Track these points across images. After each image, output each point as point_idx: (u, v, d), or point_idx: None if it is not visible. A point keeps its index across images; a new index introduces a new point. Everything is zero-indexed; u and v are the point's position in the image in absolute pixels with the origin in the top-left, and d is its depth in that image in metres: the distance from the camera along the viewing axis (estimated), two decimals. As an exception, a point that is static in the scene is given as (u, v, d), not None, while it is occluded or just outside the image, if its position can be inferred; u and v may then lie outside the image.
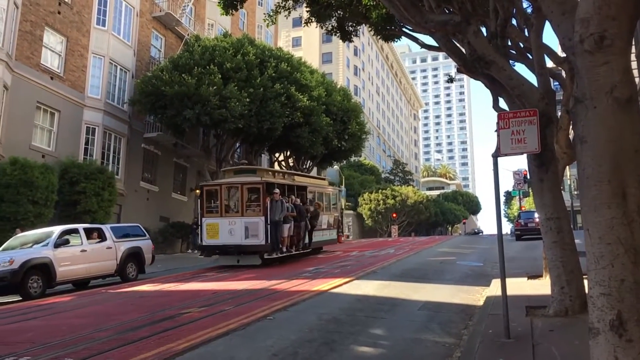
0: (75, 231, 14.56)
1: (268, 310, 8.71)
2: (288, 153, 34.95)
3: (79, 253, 14.15)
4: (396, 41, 14.60)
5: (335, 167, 45.44)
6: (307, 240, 18.97)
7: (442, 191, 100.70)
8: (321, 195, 21.52)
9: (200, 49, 26.43)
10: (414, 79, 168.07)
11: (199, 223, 17.01)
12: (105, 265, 14.96)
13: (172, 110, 24.68)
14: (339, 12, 12.72)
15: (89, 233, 14.81)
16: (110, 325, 8.07)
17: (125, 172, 26.63)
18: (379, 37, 13.41)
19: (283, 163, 36.00)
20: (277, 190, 16.36)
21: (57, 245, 13.55)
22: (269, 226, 15.73)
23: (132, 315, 8.94)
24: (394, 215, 52.95)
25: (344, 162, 50.32)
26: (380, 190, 53.50)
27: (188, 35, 30.58)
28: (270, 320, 8.05)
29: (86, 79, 24.75)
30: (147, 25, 29.02)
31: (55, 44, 23.27)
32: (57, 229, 14.24)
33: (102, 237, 15.09)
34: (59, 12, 23.17)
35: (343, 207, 47.85)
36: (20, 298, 12.76)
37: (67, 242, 13.90)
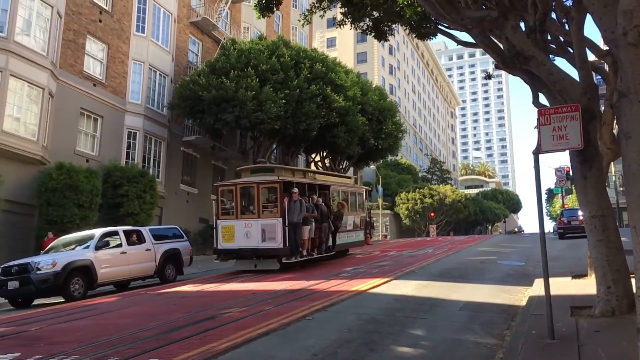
0: (115, 233, 14.88)
1: (307, 311, 8.75)
2: (324, 154, 35.01)
3: (119, 255, 14.47)
4: (432, 39, 14.44)
5: (372, 166, 45.30)
6: (330, 243, 17.91)
7: (481, 189, 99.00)
8: (346, 195, 20.31)
9: (237, 52, 26.76)
10: (450, 76, 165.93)
11: (214, 225, 16.15)
12: (145, 267, 15.28)
13: (210, 114, 25.08)
14: (373, 12, 12.68)
15: (128, 235, 15.14)
16: (153, 325, 8.26)
17: (166, 175, 27.19)
18: (414, 35, 13.31)
19: (319, 164, 36.08)
20: (295, 190, 15.29)
21: (97, 248, 13.90)
22: (287, 228, 14.85)
23: (174, 315, 9.13)
24: (432, 214, 52.38)
25: (381, 161, 50.08)
26: (417, 190, 53.01)
27: (224, 39, 31.01)
28: (310, 320, 8.09)
29: (127, 84, 25.40)
30: (185, 31, 29.57)
31: (97, 52, 23.96)
32: (98, 232, 14.60)
33: (141, 240, 15.43)
34: (100, 21, 23.85)
35: (380, 205, 47.61)
36: (63, 299, 13.14)
37: (107, 244, 14.25)
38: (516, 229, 76.73)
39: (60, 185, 19.29)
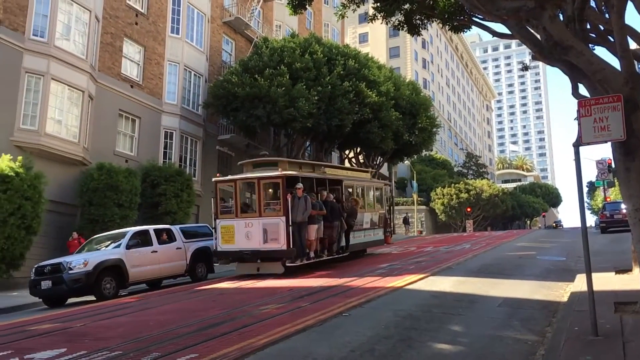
0: (146, 233, 14.97)
1: (344, 307, 8.77)
2: (358, 150, 34.93)
3: (150, 254, 14.55)
4: (466, 31, 14.23)
5: (406, 162, 44.96)
6: (343, 243, 16.50)
7: (519, 183, 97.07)
8: (362, 190, 18.74)
9: (269, 50, 26.93)
10: (485, 68, 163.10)
11: (214, 225, 14.90)
12: (175, 266, 15.32)
13: (243, 112, 25.32)
14: (405, 6, 12.56)
15: (159, 234, 15.22)
16: (193, 321, 8.42)
17: (202, 174, 27.60)
18: (447, 28, 13.13)
19: (353, 160, 36.03)
20: (299, 185, 14.00)
21: (128, 247, 14.02)
22: (290, 228, 13.60)
23: (213, 311, 9.28)
24: (469, 209, 51.67)
25: (415, 156, 49.66)
26: (453, 185, 52.35)
27: (257, 37, 31.24)
28: (346, 316, 8.10)
29: (163, 85, 25.87)
30: (218, 31, 29.91)
31: (134, 54, 24.48)
32: (128, 231, 14.76)
33: (171, 238, 15.50)
34: (136, 23, 24.35)
35: (415, 200, 47.21)
36: (95, 298, 13.25)
37: (138, 243, 14.35)
38: (554, 223, 74.97)
39: (101, 186, 19.80)
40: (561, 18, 8.60)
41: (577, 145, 6.49)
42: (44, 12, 19.27)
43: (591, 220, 50.74)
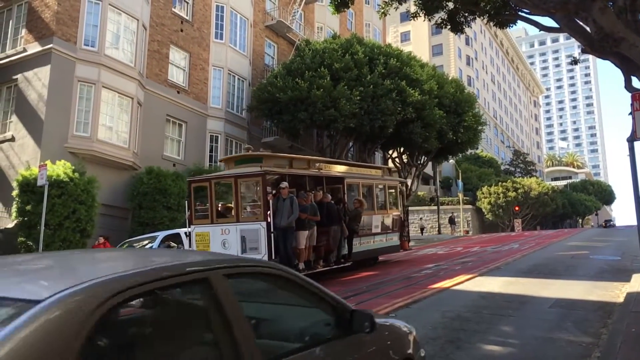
0: (177, 235, 14.87)
1: (390, 308, 8.73)
2: (401, 150, 34.65)
3: None
4: (511, 26, 13.94)
5: (451, 161, 44.31)
6: (346, 250, 14.45)
7: (570, 181, 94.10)
8: (370, 189, 16.57)
9: (311, 52, 27.06)
10: (532, 63, 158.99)
11: (187, 232, 12.98)
12: None
13: (287, 115, 25.54)
14: (448, 3, 12.40)
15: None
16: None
17: (247, 176, 27.93)
18: (492, 24, 12.89)
19: (397, 160, 35.77)
20: (284, 184, 12.12)
21: None
22: (273, 234, 11.58)
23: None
24: (517, 208, 50.48)
25: (460, 155, 48.85)
26: (500, 183, 51.26)
27: (299, 40, 31.46)
28: (393, 317, 8.05)
29: (208, 90, 26.38)
30: (261, 35, 30.28)
31: (180, 60, 25.07)
32: (160, 234, 14.88)
33: None
34: (181, 30, 24.93)
35: (461, 200, 46.43)
36: None
37: (169, 247, 14.26)
38: (604, 222, 72.23)
39: (150, 189, 20.36)
40: (612, 9, 8.30)
41: (631, 140, 6.27)
42: (94, 22, 19.98)
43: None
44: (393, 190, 17.99)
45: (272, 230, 11.54)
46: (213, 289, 2.31)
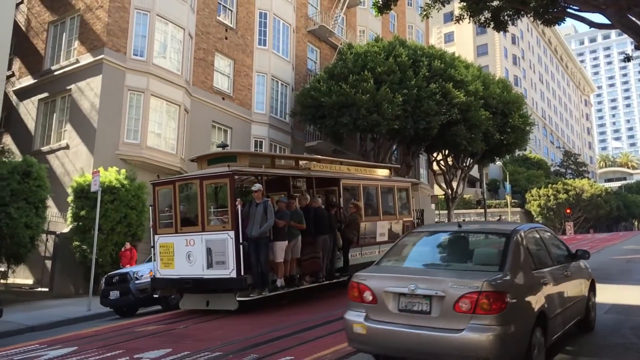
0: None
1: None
2: (446, 152, 34.18)
3: None
4: (559, 24, 13.54)
5: (498, 162, 43.37)
6: (341, 263, 12.57)
7: (624, 182, 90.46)
8: (374, 192, 14.48)
9: (353, 56, 27.05)
10: (582, 61, 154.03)
11: (152, 243, 11.30)
12: None
13: (330, 119, 25.59)
14: (493, 2, 12.16)
15: None
16: (286, 324, 8.62)
17: (291, 181, 28.13)
18: (539, 22, 12.56)
19: (442, 162, 35.29)
20: (257, 187, 10.50)
21: None
22: (241, 246, 9.86)
23: (305, 315, 9.44)
24: (568, 211, 48.90)
25: (507, 157, 47.79)
26: (550, 185, 49.83)
27: (341, 44, 31.51)
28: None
29: (252, 96, 26.75)
30: (303, 40, 30.50)
31: (224, 67, 25.53)
32: None
33: None
34: (226, 38, 25.39)
35: (509, 202, 45.32)
36: (160, 307, 12.73)
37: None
38: None
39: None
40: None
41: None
42: (143, 32, 20.59)
43: None
44: (403, 193, 15.77)
45: (240, 241, 9.86)
46: (512, 238, 5.46)
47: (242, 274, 9.73)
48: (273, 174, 11.69)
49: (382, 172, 15.80)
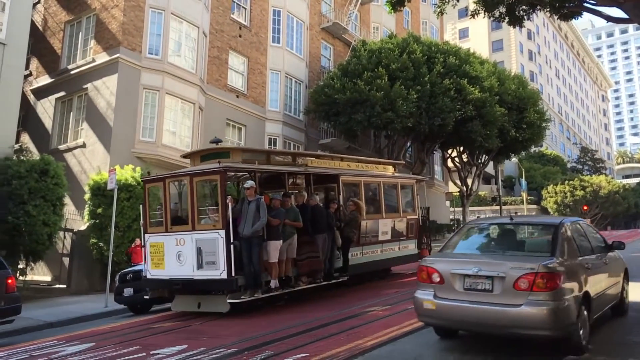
0: None
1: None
2: (461, 149, 33.97)
3: None
4: (576, 18, 13.37)
5: (514, 159, 43.01)
6: (340, 264, 12.16)
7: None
8: (375, 189, 14.04)
9: (367, 53, 26.97)
10: (599, 56, 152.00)
11: (142, 243, 11.06)
12: None
13: (344, 116, 25.56)
14: (509, -3, 12.06)
15: None
16: (301, 321, 8.64)
17: (305, 178, 28.15)
18: (556, 16, 12.42)
19: (456, 159, 35.09)
20: (249, 184, 10.06)
21: None
22: (232, 246, 9.47)
23: (320, 312, 9.45)
24: (585, 207, 48.35)
25: (523, 153, 47.36)
26: (566, 182, 49.29)
27: (355, 41, 31.43)
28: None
29: (266, 93, 26.79)
30: (317, 37, 30.48)
31: (238, 65, 25.60)
32: None
33: None
34: (240, 36, 25.45)
35: (525, 199, 44.92)
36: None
37: None
38: None
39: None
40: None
41: None
42: (158, 31, 20.71)
43: None
44: (408, 190, 15.38)
45: (230, 240, 9.45)
46: (559, 229, 6.27)
47: (233, 274, 9.37)
48: (267, 170, 11.35)
49: (385, 168, 15.34)
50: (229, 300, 9.59)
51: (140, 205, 11.39)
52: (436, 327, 6.62)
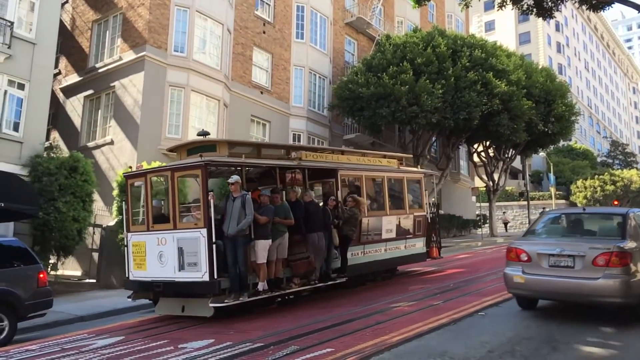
0: None
1: (479, 306, 8.51)
2: (487, 143, 33.53)
3: None
4: (606, 9, 13.05)
5: (542, 153, 42.28)
6: (338, 264, 11.35)
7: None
8: (378, 185, 13.37)
9: (392, 47, 26.78)
10: (630, 48, 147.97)
11: (125, 242, 10.42)
12: None
13: (368, 111, 25.44)
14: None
15: None
16: (327, 316, 8.64)
17: (329, 174, 28.12)
18: (585, 7, 12.14)
19: (482, 154, 34.64)
20: (234, 179, 9.39)
21: None
22: (214, 246, 8.82)
23: (345, 308, 9.44)
24: (616, 202, 47.22)
25: (551, 147, 46.49)
26: (596, 176, 48.23)
27: (379, 35, 31.23)
28: (482, 316, 7.84)
29: (290, 89, 26.82)
30: (340, 32, 30.37)
31: (263, 61, 25.67)
32: None
33: None
34: (264, 32, 25.52)
35: (553, 194, 44.12)
36: None
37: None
38: None
39: (237, 188, 21.01)
40: None
41: None
42: (183, 29, 20.88)
43: None
44: (415, 185, 14.52)
45: (212, 240, 8.79)
46: (627, 216, 7.59)
47: (215, 277, 8.67)
48: (254, 164, 10.65)
49: (390, 162, 14.29)
50: (211, 305, 8.78)
51: (122, 202, 10.64)
52: (522, 297, 7.94)
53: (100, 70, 21.11)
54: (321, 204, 11.46)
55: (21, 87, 16.66)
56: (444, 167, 31.04)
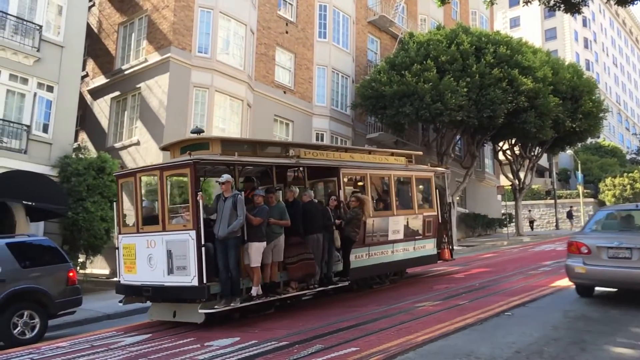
0: None
1: (505, 306, 8.41)
2: (513, 141, 33.08)
3: None
4: (635, 3, 12.75)
5: (569, 151, 41.54)
6: (339, 267, 10.92)
7: None
8: (384, 184, 12.86)
9: (415, 45, 26.60)
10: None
11: (116, 244, 10.08)
12: None
13: (392, 110, 25.32)
14: (563, -18, 11.61)
15: None
16: (351, 316, 8.64)
17: (353, 173, 28.08)
18: (613, 2, 11.88)
19: (508, 152, 34.19)
20: (225, 178, 8.95)
21: None
22: (203, 249, 8.38)
23: (369, 307, 9.43)
24: (646, 200, 46.24)
25: (579, 145, 45.63)
26: (625, 174, 47.21)
27: (402, 33, 31.06)
28: (509, 316, 7.74)
29: (313, 89, 26.85)
30: (363, 31, 30.29)
31: (285, 61, 25.76)
32: None
33: None
34: (286, 32, 25.60)
35: (581, 193, 43.30)
36: None
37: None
38: None
39: (261, 187, 21.14)
40: None
41: None
42: (207, 30, 21.07)
43: None
44: (425, 184, 13.89)
45: (202, 242, 8.33)
46: None
47: (205, 281, 8.29)
48: (247, 162, 10.11)
49: (397, 160, 13.64)
50: (200, 310, 8.30)
51: (114, 203, 10.53)
52: (582, 286, 8.67)
53: (126, 72, 21.43)
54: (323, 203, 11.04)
55: (50, 89, 17.03)
56: (469, 166, 30.72)
